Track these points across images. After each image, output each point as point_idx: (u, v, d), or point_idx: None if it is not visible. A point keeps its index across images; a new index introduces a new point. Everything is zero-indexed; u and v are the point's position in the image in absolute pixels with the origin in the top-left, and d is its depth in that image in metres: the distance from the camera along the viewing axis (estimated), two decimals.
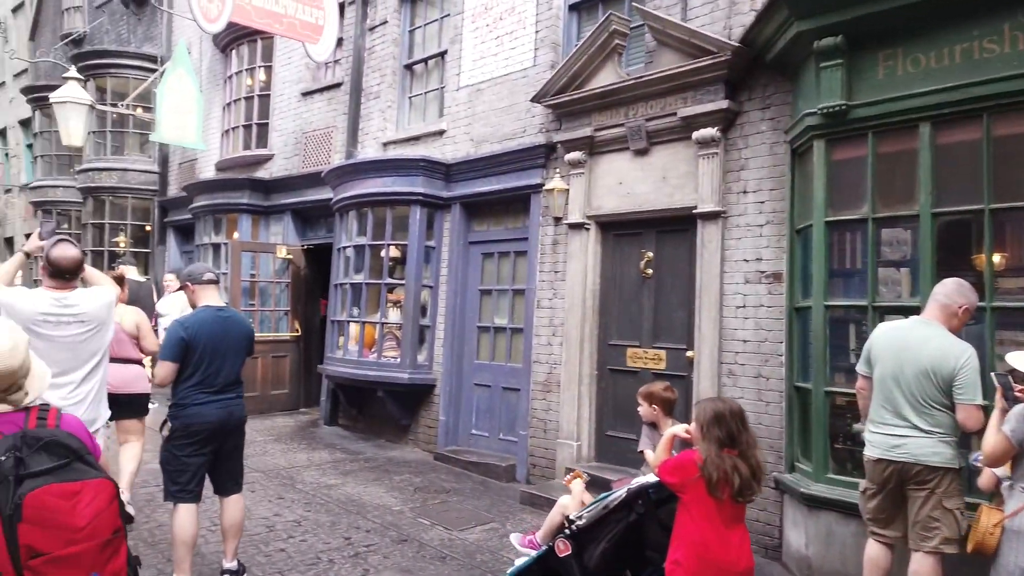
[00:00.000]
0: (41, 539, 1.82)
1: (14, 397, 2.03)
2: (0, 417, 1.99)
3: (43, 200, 14.45)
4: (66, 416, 2.13)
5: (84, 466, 1.94)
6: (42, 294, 3.76)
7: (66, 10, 14.67)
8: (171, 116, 10.54)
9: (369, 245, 7.88)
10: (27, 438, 1.91)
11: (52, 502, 1.85)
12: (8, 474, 1.82)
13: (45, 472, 1.88)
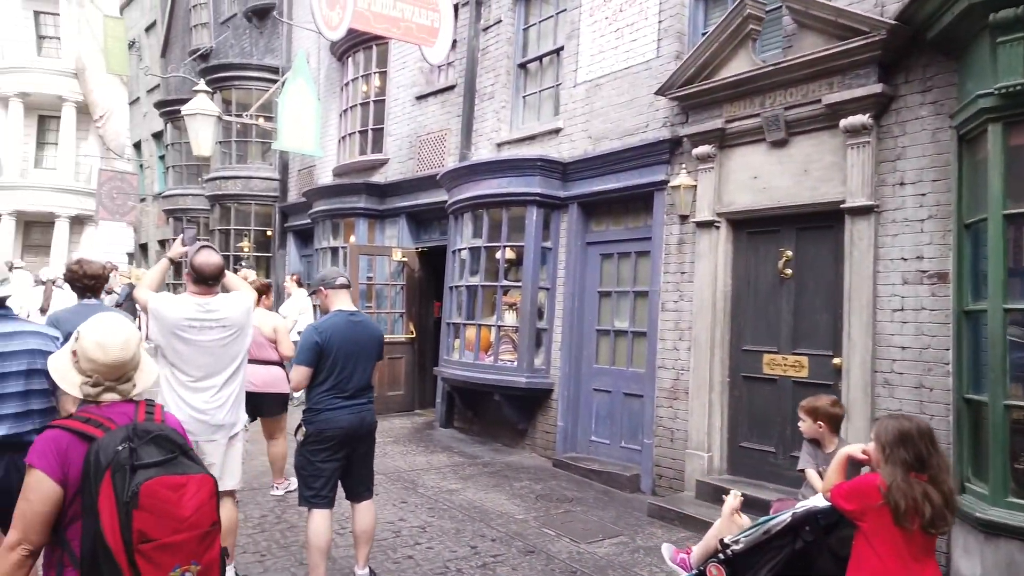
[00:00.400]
0: (152, 526, 1.94)
1: (123, 387, 2.18)
2: (112, 408, 2.13)
3: (174, 208, 15.32)
4: (168, 414, 2.26)
5: (188, 461, 2.07)
6: (186, 300, 3.83)
7: (194, 27, 15.50)
8: (291, 124, 10.87)
9: (484, 247, 7.80)
10: (138, 430, 2.03)
11: (163, 492, 1.96)
12: (125, 463, 1.95)
13: (155, 464, 1.99)
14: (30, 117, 27.88)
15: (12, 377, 2.97)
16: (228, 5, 14.71)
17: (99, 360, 2.13)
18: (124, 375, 2.18)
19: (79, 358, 2.15)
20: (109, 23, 17.85)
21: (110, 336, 2.17)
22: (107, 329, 2.19)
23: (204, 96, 11.04)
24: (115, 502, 1.91)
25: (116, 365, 2.15)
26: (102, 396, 2.14)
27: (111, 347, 2.15)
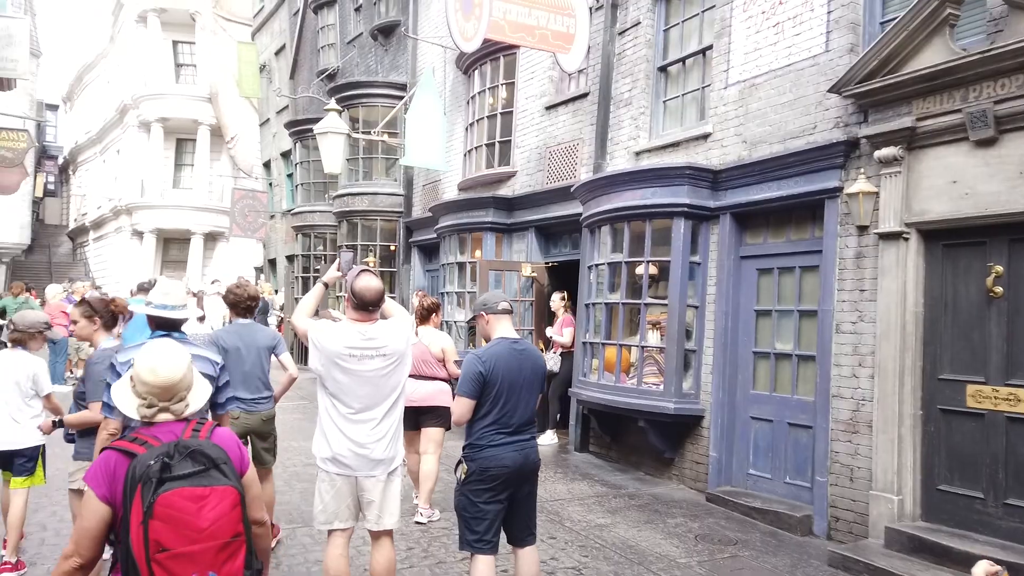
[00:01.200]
0: (167, 535, 2.00)
1: (176, 407, 2.30)
2: (163, 426, 2.26)
3: (303, 225, 15.74)
4: (219, 430, 2.35)
5: (218, 474, 2.13)
6: (347, 327, 3.61)
7: (321, 48, 15.93)
8: (418, 140, 10.84)
9: (625, 262, 7.34)
10: (179, 446, 2.13)
11: (180, 503, 2.03)
12: (153, 476, 2.04)
13: (184, 476, 2.07)
14: (169, 141, 29.80)
15: None
16: (354, 25, 15.00)
17: (151, 383, 2.27)
18: (176, 395, 2.31)
19: (135, 382, 2.31)
20: (242, 49, 18.68)
21: (161, 360, 2.31)
22: (159, 354, 2.33)
23: (334, 115, 11.19)
24: (140, 515, 2.01)
25: (167, 387, 2.28)
26: (157, 416, 2.28)
27: (162, 370, 2.28)
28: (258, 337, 4.82)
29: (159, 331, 3.48)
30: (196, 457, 2.12)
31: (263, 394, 4.81)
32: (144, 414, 2.28)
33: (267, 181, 20.41)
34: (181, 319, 3.53)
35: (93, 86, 37.19)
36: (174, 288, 3.60)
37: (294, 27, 17.37)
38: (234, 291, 4.87)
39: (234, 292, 4.87)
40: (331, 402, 3.63)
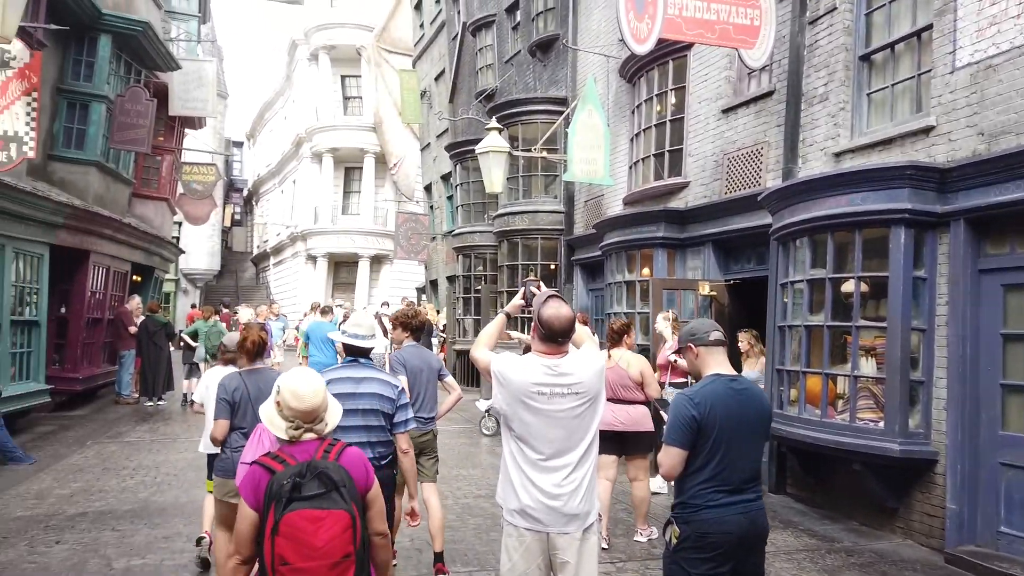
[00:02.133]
0: (289, 551, 2.31)
1: (318, 428, 2.59)
2: (298, 445, 2.54)
3: (463, 245, 15.78)
4: (348, 450, 2.59)
5: (337, 497, 2.37)
6: (533, 361, 3.14)
7: (479, 69, 15.98)
8: (581, 154, 10.40)
9: (829, 279, 6.42)
10: (310, 466, 2.40)
11: (301, 523, 2.31)
12: (284, 495, 2.33)
13: (309, 497, 2.34)
14: (338, 169, 31.52)
15: (359, 414, 3.66)
16: (511, 44, 14.91)
17: (297, 408, 2.55)
18: (317, 417, 2.59)
19: (282, 407, 2.58)
20: (404, 76, 19.25)
21: (304, 386, 2.57)
22: (301, 381, 2.59)
23: (494, 133, 11.01)
24: (270, 528, 2.32)
25: (310, 410, 2.56)
26: (303, 436, 2.56)
27: (305, 396, 2.55)
28: (430, 359, 5.14)
29: (350, 357, 3.84)
30: (322, 479, 2.39)
31: (432, 413, 5.13)
32: (292, 435, 2.57)
33: (428, 204, 20.86)
34: (370, 347, 3.85)
35: (272, 122, 40.31)
36: (365, 319, 3.94)
37: (453, 51, 17.63)
38: (408, 315, 5.25)
39: (407, 315, 5.25)
40: (517, 446, 3.16)
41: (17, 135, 7.49)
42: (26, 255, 9.79)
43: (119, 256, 13.29)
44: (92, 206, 11.55)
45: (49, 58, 11.29)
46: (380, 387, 3.74)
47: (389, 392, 3.76)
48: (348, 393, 3.64)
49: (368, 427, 3.69)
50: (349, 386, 3.68)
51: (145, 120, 12.15)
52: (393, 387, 3.79)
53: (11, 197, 8.79)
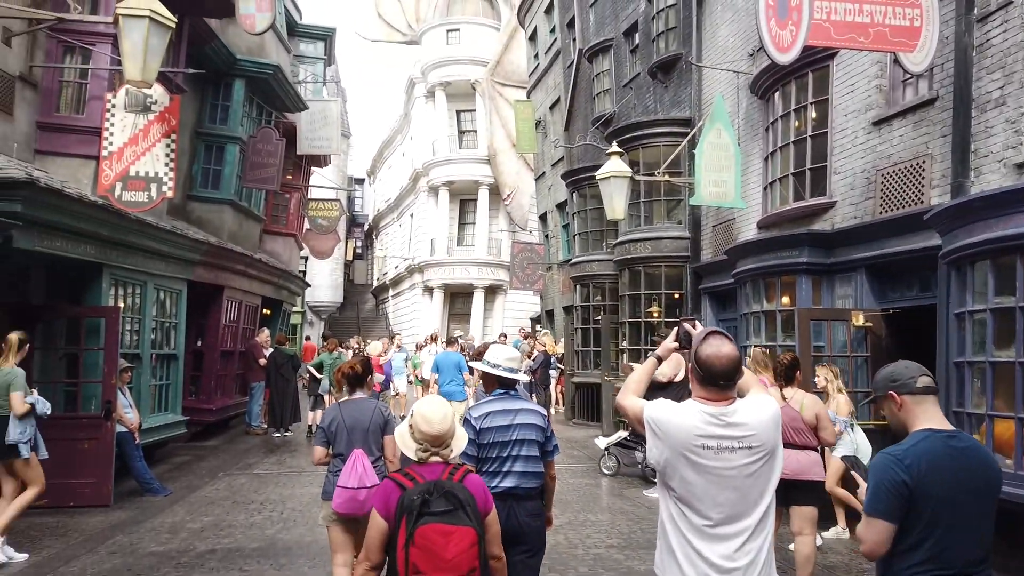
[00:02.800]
0: (423, 561, 2.55)
1: (443, 452, 2.87)
2: (428, 466, 2.81)
3: (581, 275, 15.38)
4: (471, 476, 2.84)
5: (463, 515, 2.60)
6: (694, 409, 2.67)
7: (596, 95, 15.66)
8: (710, 176, 9.80)
9: (1020, 307, 5.53)
10: (438, 485, 2.65)
11: (432, 536, 2.55)
12: (415, 509, 2.58)
13: (438, 513, 2.58)
14: (453, 202, 32.01)
15: (516, 445, 3.74)
16: (630, 67, 14.51)
17: (426, 431, 2.82)
18: (444, 443, 2.84)
19: (414, 430, 2.86)
20: (519, 107, 19.23)
21: (433, 413, 2.85)
22: (432, 408, 2.88)
23: (615, 158, 10.60)
24: (404, 538, 2.56)
25: (437, 436, 2.83)
26: (429, 459, 2.82)
27: (434, 422, 2.83)
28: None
29: (498, 390, 3.92)
30: (449, 497, 2.58)
31: None
32: (421, 457, 2.83)
33: (543, 233, 20.63)
34: (516, 379, 3.96)
35: (391, 159, 41.72)
36: (509, 352, 4.01)
37: (568, 79, 17.43)
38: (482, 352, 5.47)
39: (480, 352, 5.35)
40: (679, 509, 2.67)
41: (157, 176, 7.79)
42: (166, 291, 10.22)
43: (250, 290, 13.78)
44: (226, 243, 12.02)
45: (188, 104, 11.93)
46: (533, 417, 3.84)
47: (540, 422, 3.85)
48: (505, 425, 3.74)
49: (526, 457, 3.76)
50: (506, 418, 3.77)
51: (275, 159, 12.58)
52: (543, 416, 3.91)
53: (153, 236, 9.19)
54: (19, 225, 6.59)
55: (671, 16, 12.68)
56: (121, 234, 8.48)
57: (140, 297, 9.46)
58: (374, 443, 4.40)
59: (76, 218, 7.52)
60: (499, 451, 3.72)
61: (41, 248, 7.15)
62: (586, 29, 16.41)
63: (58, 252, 7.41)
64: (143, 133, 7.86)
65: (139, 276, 9.30)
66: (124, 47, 6.94)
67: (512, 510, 3.62)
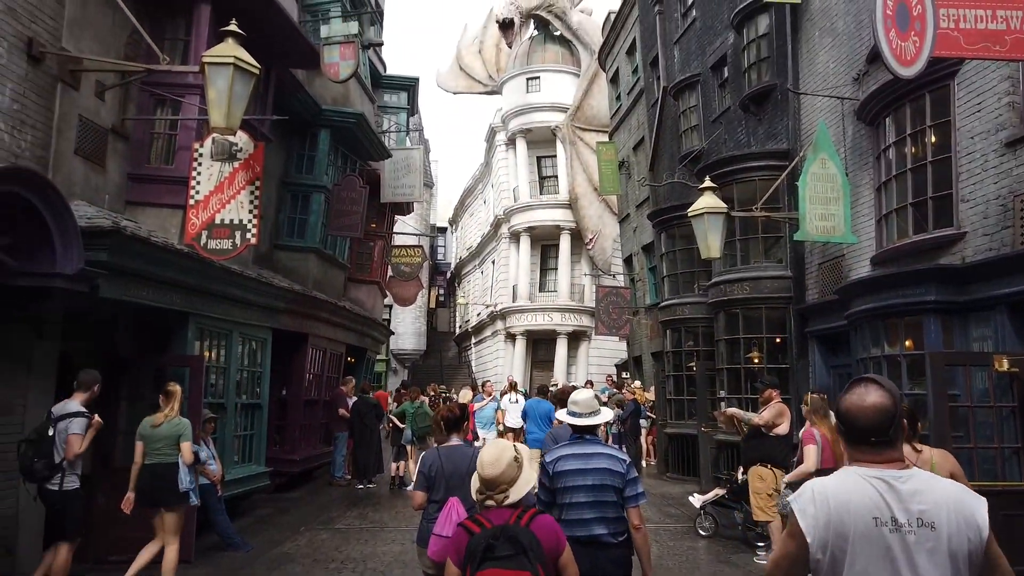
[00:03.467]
0: None
1: (497, 497, 2.91)
2: (495, 511, 2.89)
3: (671, 319, 14.63)
4: (540, 518, 2.88)
5: (524, 560, 2.63)
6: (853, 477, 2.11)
7: (683, 133, 15.12)
8: (816, 209, 9.08)
9: None
10: (504, 530, 2.73)
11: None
12: (478, 554, 2.65)
13: (500, 558, 2.64)
14: (535, 248, 31.79)
15: (590, 490, 3.66)
16: (719, 101, 13.95)
17: (480, 475, 2.96)
18: (498, 487, 2.91)
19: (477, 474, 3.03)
20: (601, 148, 18.87)
21: (486, 456, 2.98)
22: (487, 451, 3.02)
23: (708, 194, 10.01)
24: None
25: (488, 481, 2.93)
26: (485, 503, 2.94)
27: (485, 465, 2.95)
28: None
29: (576, 434, 3.91)
30: (513, 542, 2.68)
31: None
32: (477, 499, 3.00)
33: (629, 277, 19.98)
34: (594, 425, 3.93)
35: (473, 207, 42.12)
36: (584, 399, 3.96)
37: (653, 117, 16.98)
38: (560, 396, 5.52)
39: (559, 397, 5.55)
40: None
41: (241, 223, 7.73)
42: (251, 339, 10.16)
43: (335, 338, 13.71)
44: (311, 290, 11.98)
45: (276, 155, 12.11)
46: (609, 462, 3.75)
47: (618, 467, 3.74)
48: (578, 469, 3.71)
49: (601, 502, 3.68)
50: (579, 462, 3.73)
51: (358, 207, 12.57)
52: (621, 461, 3.79)
53: (238, 283, 9.15)
54: (105, 274, 6.55)
55: (763, 46, 12.10)
56: (207, 282, 8.44)
57: (225, 346, 9.40)
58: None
59: (162, 266, 7.49)
60: (573, 496, 3.68)
61: (128, 297, 7.12)
62: (671, 66, 15.98)
63: (144, 301, 7.37)
64: (228, 181, 7.84)
65: (225, 325, 9.25)
66: (209, 95, 6.94)
67: (595, 559, 3.56)
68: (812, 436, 6.44)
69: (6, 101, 6.41)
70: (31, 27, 6.68)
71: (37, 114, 6.79)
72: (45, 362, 6.90)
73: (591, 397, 4.03)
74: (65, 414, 5.81)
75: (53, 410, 5.92)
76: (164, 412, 6.40)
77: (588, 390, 4.78)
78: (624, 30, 19.45)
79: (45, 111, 6.89)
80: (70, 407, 5.88)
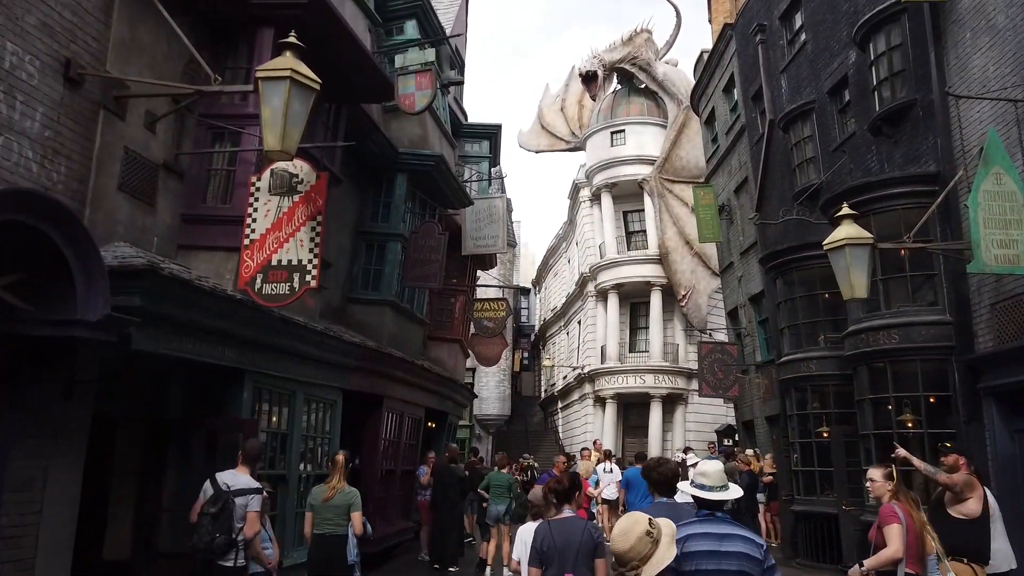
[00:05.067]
0: None
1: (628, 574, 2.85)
2: None
3: (792, 376, 12.70)
4: None
5: None
6: None
7: (796, 167, 13.52)
8: (992, 235, 7.34)
9: None
10: None
11: None
12: None
13: None
14: (624, 306, 30.15)
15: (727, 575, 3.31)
16: (839, 129, 12.35)
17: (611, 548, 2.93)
18: (628, 564, 2.86)
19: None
20: (698, 193, 17.39)
21: (616, 529, 2.98)
22: (619, 523, 3.04)
23: (849, 223, 8.36)
24: None
25: (618, 553, 2.88)
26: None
27: (614, 539, 2.93)
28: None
29: (704, 511, 3.52)
30: None
31: None
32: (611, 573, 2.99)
33: (734, 332, 18.09)
34: (721, 500, 3.54)
35: (557, 266, 40.98)
36: (713, 470, 3.60)
37: (757, 155, 15.43)
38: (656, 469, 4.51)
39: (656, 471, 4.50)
40: None
41: (301, 263, 6.66)
42: (318, 401, 9.03)
43: (413, 400, 12.48)
44: (386, 347, 10.84)
45: (350, 201, 11.23)
46: (745, 546, 3.34)
47: (755, 552, 3.33)
48: (711, 551, 3.30)
49: None
50: (711, 543, 3.33)
51: (437, 255, 11.50)
52: (759, 546, 3.37)
53: (301, 336, 8.08)
54: (138, 322, 5.50)
55: (895, 59, 10.50)
56: (265, 335, 7.38)
57: (288, 408, 8.28)
58: (585, 566, 4.10)
59: (209, 315, 6.46)
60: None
61: (167, 350, 6.08)
62: (778, 98, 14.50)
63: (186, 355, 6.32)
64: (287, 217, 6.82)
65: (287, 384, 8.15)
66: (264, 115, 5.99)
67: None
68: (894, 513, 5.03)
69: (36, 127, 5.59)
70: (70, 47, 5.91)
71: (74, 143, 5.96)
72: (74, 427, 5.86)
73: (721, 469, 3.66)
74: (244, 489, 5.64)
75: (226, 482, 5.67)
76: (332, 483, 6.49)
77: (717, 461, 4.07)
78: (720, 67, 18.15)
79: (84, 140, 6.06)
80: (241, 480, 5.71)
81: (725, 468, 10.88)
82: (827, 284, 12.21)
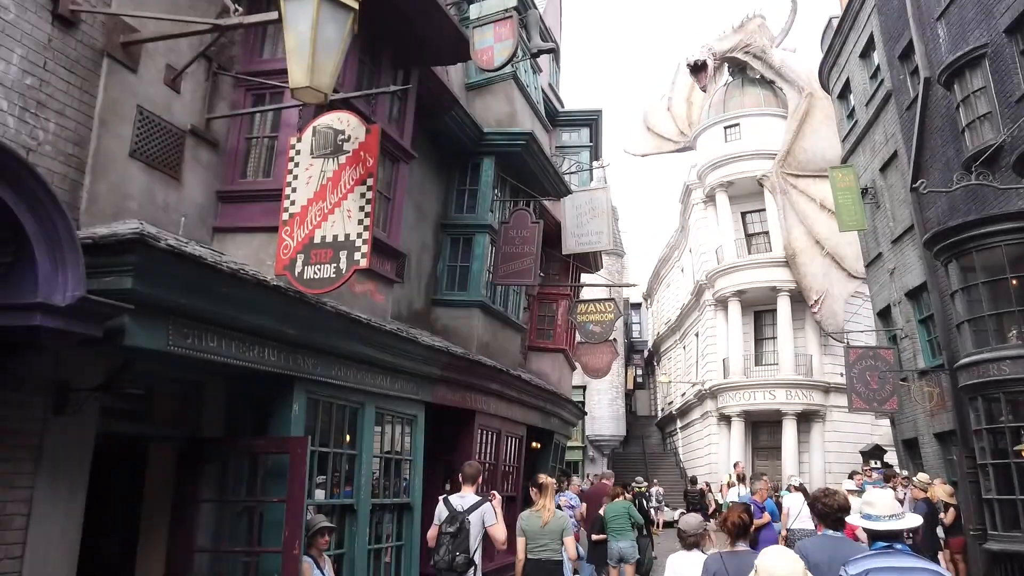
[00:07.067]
0: None
1: None
2: None
3: (977, 382, 10.19)
4: None
5: None
6: None
7: (966, 128, 11.06)
8: None
9: None
10: None
11: None
12: None
13: None
14: (746, 315, 27.60)
15: None
16: (1022, 75, 9.90)
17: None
18: None
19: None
20: (836, 175, 15.01)
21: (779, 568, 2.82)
22: (778, 562, 2.85)
23: None
24: None
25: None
26: None
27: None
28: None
29: (882, 543, 3.30)
30: None
31: None
32: None
33: (887, 334, 15.46)
34: (899, 530, 3.32)
35: (669, 277, 38.64)
36: (882, 497, 3.42)
37: (910, 122, 13.01)
38: (822, 500, 4.26)
39: (822, 501, 4.25)
40: None
41: (348, 239, 5.27)
42: (393, 416, 7.62)
43: (511, 417, 10.91)
44: (476, 354, 9.36)
45: (433, 189, 9.92)
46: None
47: None
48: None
49: None
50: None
51: (531, 247, 9.95)
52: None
53: (367, 339, 6.68)
54: (129, 309, 4.22)
55: None
56: (318, 335, 6.02)
57: (354, 424, 6.89)
58: None
59: (237, 307, 5.14)
60: None
61: (180, 348, 4.78)
62: (934, 50, 12.10)
63: (210, 355, 5.01)
64: (331, 183, 5.46)
65: (352, 395, 6.77)
66: (288, 43, 4.69)
67: None
68: None
69: (13, 71, 4.48)
70: None
71: (68, 96, 4.82)
72: (67, 451, 4.66)
73: (891, 496, 3.47)
74: (474, 505, 5.87)
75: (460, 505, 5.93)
76: (543, 507, 6.50)
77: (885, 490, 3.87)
78: (855, 29, 15.77)
79: (81, 94, 4.92)
80: (469, 499, 5.94)
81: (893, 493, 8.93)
82: (1018, 266, 9.81)
